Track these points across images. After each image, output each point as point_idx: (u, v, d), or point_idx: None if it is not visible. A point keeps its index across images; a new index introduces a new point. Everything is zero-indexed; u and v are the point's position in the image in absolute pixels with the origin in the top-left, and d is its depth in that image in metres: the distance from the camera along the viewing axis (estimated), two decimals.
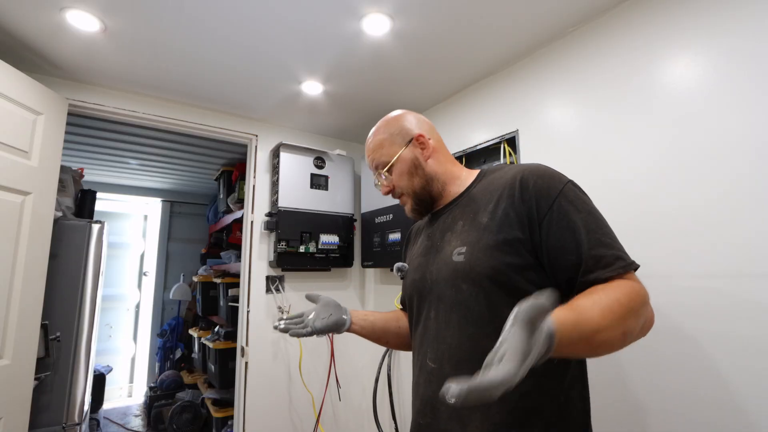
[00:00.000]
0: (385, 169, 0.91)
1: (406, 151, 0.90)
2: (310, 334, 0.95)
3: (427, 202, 0.92)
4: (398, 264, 1.00)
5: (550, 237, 0.72)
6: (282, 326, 0.96)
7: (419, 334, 0.88)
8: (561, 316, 0.55)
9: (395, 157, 0.90)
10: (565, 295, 0.74)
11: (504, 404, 0.69)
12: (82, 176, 2.35)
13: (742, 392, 0.99)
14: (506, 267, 0.73)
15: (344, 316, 1.00)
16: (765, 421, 0.95)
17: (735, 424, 0.99)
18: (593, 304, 0.61)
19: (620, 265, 0.68)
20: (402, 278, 1.00)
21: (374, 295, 2.55)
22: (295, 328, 0.95)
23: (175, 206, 4.59)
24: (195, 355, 3.52)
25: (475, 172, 0.93)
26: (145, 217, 4.70)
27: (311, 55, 1.64)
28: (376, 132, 0.96)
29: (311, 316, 0.97)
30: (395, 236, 2.09)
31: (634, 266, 0.70)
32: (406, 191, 0.91)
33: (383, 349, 2.26)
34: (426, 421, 0.81)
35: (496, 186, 0.82)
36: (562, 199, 0.73)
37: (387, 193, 0.94)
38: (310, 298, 1.06)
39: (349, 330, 1.01)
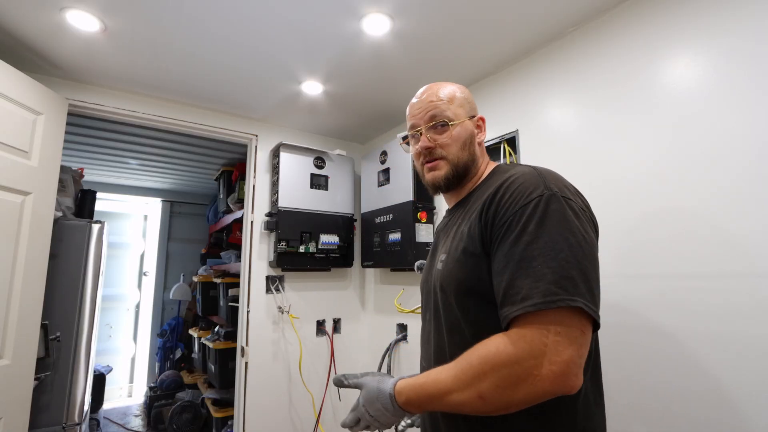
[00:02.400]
0: (443, 125, 0.83)
1: (468, 122, 0.86)
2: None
3: (461, 178, 0.86)
4: (418, 262, 1.01)
5: (493, 258, 0.68)
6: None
7: (421, 334, 0.91)
8: (406, 380, 0.71)
9: (460, 120, 0.84)
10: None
11: (504, 423, 0.68)
12: (82, 176, 2.35)
13: (742, 391, 0.99)
14: (472, 279, 0.71)
15: (408, 420, 0.90)
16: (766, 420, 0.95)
17: (733, 421, 0.99)
18: (453, 365, 0.65)
19: (528, 304, 0.58)
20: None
21: (374, 295, 2.55)
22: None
23: (175, 206, 4.59)
24: (195, 355, 3.52)
25: (492, 165, 0.89)
26: (145, 217, 4.70)
27: (311, 55, 1.64)
28: (443, 86, 0.88)
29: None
30: (395, 236, 2.09)
31: (559, 304, 0.57)
32: (451, 158, 0.84)
33: (383, 349, 2.26)
34: (425, 422, 0.85)
35: (486, 191, 0.77)
36: (517, 216, 0.66)
37: (427, 149, 0.84)
38: (356, 383, 0.80)
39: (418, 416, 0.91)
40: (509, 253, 0.64)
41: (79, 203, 2.25)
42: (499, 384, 0.59)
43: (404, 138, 0.94)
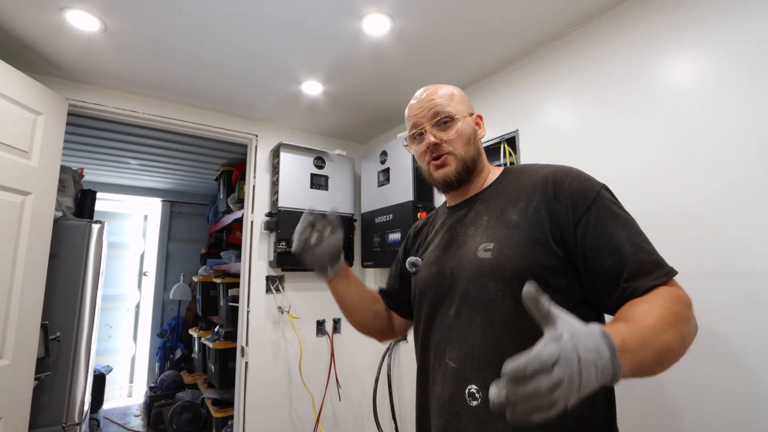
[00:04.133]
0: (445, 121, 0.84)
1: (469, 118, 0.88)
2: (303, 251, 0.92)
3: (469, 172, 0.86)
4: (411, 258, 0.96)
5: (587, 240, 0.70)
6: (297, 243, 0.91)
7: (437, 331, 0.83)
8: (616, 328, 0.52)
9: (463, 116, 0.86)
10: (594, 304, 0.73)
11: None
12: (82, 176, 2.35)
13: (743, 391, 0.99)
14: (537, 267, 0.71)
15: (338, 264, 0.95)
16: None
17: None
18: (644, 313, 0.59)
19: (662, 272, 0.66)
20: (414, 273, 0.93)
21: None
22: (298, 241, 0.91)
23: (175, 206, 4.59)
24: (195, 355, 3.52)
25: (498, 169, 0.90)
26: (145, 217, 4.70)
27: (311, 55, 1.64)
28: (442, 86, 0.90)
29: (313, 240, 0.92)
30: (395, 236, 2.09)
31: (674, 273, 0.68)
32: (458, 153, 0.85)
33: (383, 349, 2.26)
34: (442, 423, 0.77)
35: (526, 184, 0.80)
36: (599, 202, 0.72)
37: (433, 145, 0.85)
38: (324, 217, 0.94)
39: (331, 277, 0.96)
40: (615, 232, 0.69)
41: (79, 203, 2.25)
42: (691, 324, 0.62)
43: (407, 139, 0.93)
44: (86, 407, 2.05)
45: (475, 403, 0.72)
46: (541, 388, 0.42)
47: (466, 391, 0.73)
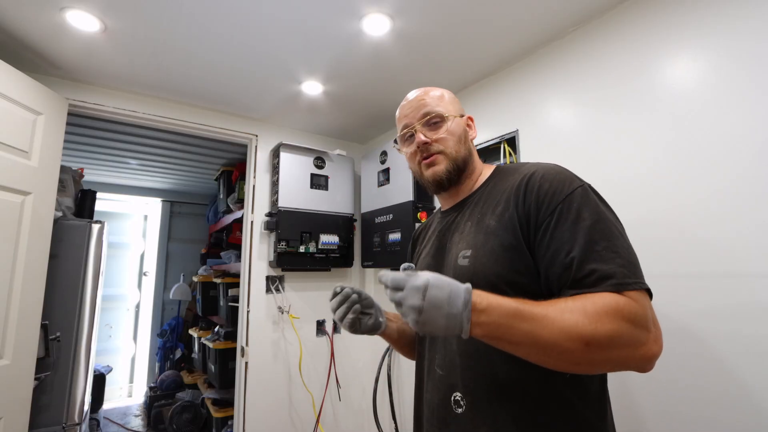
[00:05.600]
0: (435, 121, 0.84)
1: (460, 119, 0.87)
2: (354, 332, 0.86)
3: (459, 172, 0.85)
4: (405, 264, 0.95)
5: (543, 244, 0.67)
6: (339, 315, 0.83)
7: (427, 339, 0.85)
8: (492, 296, 0.60)
9: (453, 115, 0.85)
10: None
11: (511, 417, 0.67)
12: (82, 176, 2.35)
13: (744, 390, 0.99)
14: (512, 273, 0.69)
15: (381, 319, 0.89)
16: None
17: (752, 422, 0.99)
18: (552, 303, 0.59)
19: (610, 283, 0.59)
20: None
21: (374, 295, 2.52)
22: (347, 319, 0.83)
23: (175, 206, 4.59)
24: (195, 355, 3.52)
25: (490, 168, 0.89)
26: (145, 217, 4.70)
27: (311, 55, 1.64)
28: (432, 89, 0.89)
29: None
30: (395, 236, 2.09)
31: (636, 287, 0.60)
32: (449, 152, 0.83)
33: (383, 349, 2.26)
34: (433, 430, 0.78)
35: (506, 186, 0.78)
36: (567, 204, 0.67)
37: (423, 144, 0.83)
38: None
39: (380, 333, 0.91)
40: (570, 238, 0.64)
41: (79, 203, 2.25)
42: (615, 337, 0.56)
43: (396, 141, 0.93)
44: (86, 407, 2.05)
45: (459, 410, 0.73)
46: (391, 297, 0.61)
47: (452, 398, 0.74)
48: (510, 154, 1.66)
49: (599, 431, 0.69)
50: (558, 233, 0.66)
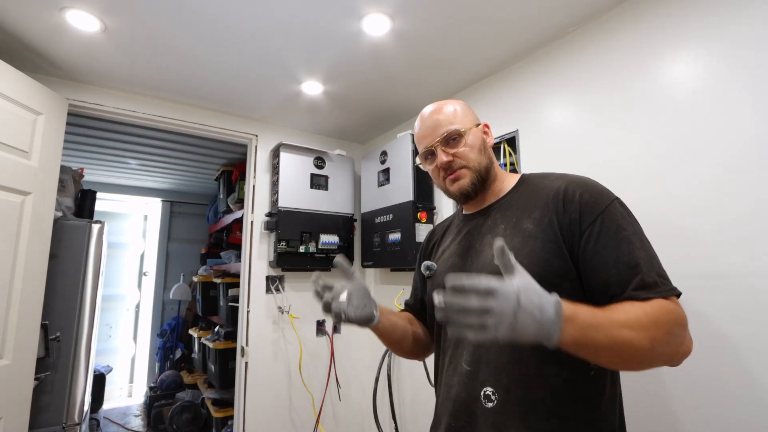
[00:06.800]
0: (454, 138, 0.86)
1: (476, 129, 0.90)
2: (340, 321, 0.84)
3: (484, 182, 0.88)
4: (427, 262, 0.96)
5: (588, 251, 0.72)
6: (325, 303, 0.83)
7: (451, 336, 0.85)
8: (576, 305, 0.59)
9: (470, 129, 0.88)
10: None
11: (542, 412, 0.71)
12: (82, 176, 2.35)
13: (745, 390, 0.99)
14: (552, 275, 0.72)
15: (375, 312, 0.88)
16: None
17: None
18: (618, 309, 0.63)
19: (663, 289, 0.66)
20: (428, 277, 0.95)
21: (374, 295, 2.53)
22: (335, 308, 0.83)
23: (175, 206, 4.59)
24: (195, 355, 3.52)
25: (515, 177, 0.92)
26: (145, 217, 4.70)
27: (311, 55, 1.64)
28: (445, 104, 0.91)
29: (343, 299, 0.84)
30: (395, 236, 2.09)
31: (676, 292, 0.67)
32: (472, 165, 0.87)
33: (383, 349, 2.26)
34: (460, 424, 0.79)
35: (541, 194, 0.81)
36: (607, 214, 0.72)
37: (446, 164, 0.87)
38: (342, 268, 0.89)
39: (373, 327, 0.89)
40: (615, 248, 0.70)
41: (79, 203, 2.25)
42: (672, 338, 0.63)
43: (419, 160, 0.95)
44: (86, 407, 2.05)
45: (490, 405, 0.75)
46: (470, 304, 0.52)
47: (482, 393, 0.76)
48: (510, 154, 1.66)
49: (612, 422, 0.74)
50: (603, 241, 0.71)
